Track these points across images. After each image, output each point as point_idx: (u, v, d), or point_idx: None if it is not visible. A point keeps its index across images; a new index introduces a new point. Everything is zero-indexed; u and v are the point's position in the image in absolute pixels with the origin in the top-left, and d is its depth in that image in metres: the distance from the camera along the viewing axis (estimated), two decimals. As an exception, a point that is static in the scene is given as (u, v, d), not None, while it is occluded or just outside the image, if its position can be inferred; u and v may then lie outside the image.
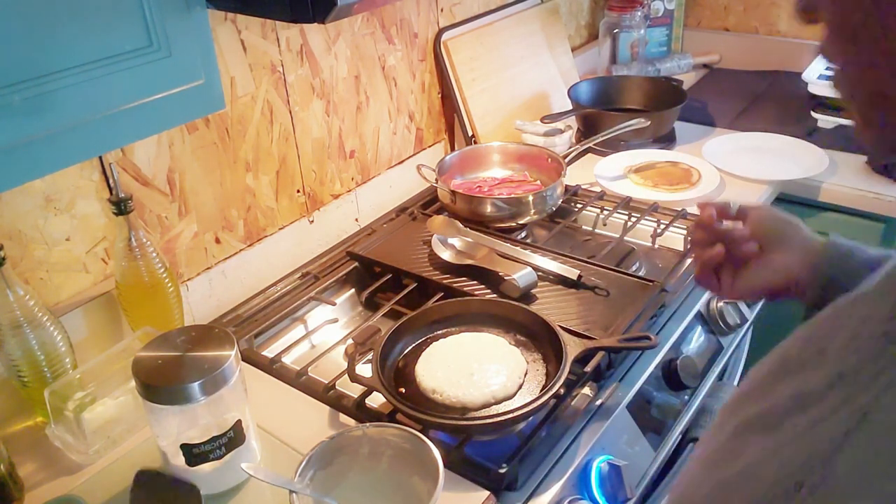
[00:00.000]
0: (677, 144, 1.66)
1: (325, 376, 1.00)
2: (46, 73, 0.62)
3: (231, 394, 0.82)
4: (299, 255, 1.32)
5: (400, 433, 0.81)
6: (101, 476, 0.89)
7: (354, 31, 1.32)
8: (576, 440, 0.90)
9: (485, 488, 0.83)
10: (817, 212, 1.56)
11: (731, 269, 0.83)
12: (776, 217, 0.83)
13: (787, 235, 0.81)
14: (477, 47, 1.59)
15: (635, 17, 1.94)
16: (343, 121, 1.35)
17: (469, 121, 1.57)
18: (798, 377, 0.49)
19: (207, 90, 0.75)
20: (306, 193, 1.32)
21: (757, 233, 0.81)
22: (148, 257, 0.99)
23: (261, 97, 1.19)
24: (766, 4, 2.04)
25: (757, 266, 0.81)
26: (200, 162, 1.13)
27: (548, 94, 1.76)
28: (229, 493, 0.86)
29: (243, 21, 1.12)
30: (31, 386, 0.92)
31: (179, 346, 0.82)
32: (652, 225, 1.32)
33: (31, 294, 0.89)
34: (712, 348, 1.15)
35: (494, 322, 1.03)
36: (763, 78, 2.00)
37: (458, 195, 1.32)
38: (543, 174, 1.45)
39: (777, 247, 0.80)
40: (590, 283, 1.12)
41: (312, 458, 0.79)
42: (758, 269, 0.81)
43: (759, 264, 0.81)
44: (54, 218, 0.98)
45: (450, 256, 1.19)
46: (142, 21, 0.67)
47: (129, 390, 0.94)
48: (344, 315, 1.21)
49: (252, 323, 1.13)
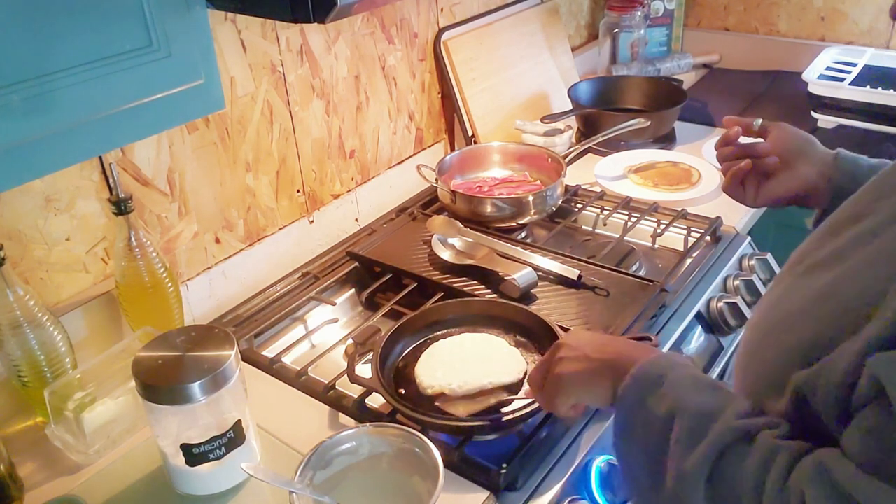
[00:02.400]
0: (677, 144, 1.66)
1: (325, 376, 1.00)
2: (46, 73, 0.62)
3: (231, 394, 0.82)
4: (299, 255, 1.32)
5: (400, 433, 0.81)
6: (101, 476, 0.89)
7: (354, 31, 1.32)
8: (576, 440, 0.90)
9: (485, 488, 0.83)
10: (817, 212, 1.56)
11: (756, 181, 0.95)
12: (795, 133, 0.94)
13: (804, 150, 0.92)
14: (477, 47, 1.59)
15: (635, 17, 1.94)
16: (343, 121, 1.35)
17: (469, 121, 1.57)
18: (856, 226, 0.64)
19: (207, 90, 0.75)
20: (306, 193, 1.32)
21: (778, 148, 0.93)
22: (148, 257, 0.99)
23: (261, 97, 1.19)
24: (766, 4, 2.04)
25: (779, 177, 0.93)
26: (200, 162, 1.13)
27: (548, 94, 1.76)
28: (229, 493, 0.86)
29: (243, 21, 1.12)
30: (31, 386, 0.92)
31: (179, 346, 0.82)
32: (652, 225, 1.32)
33: (31, 294, 0.89)
34: (712, 348, 1.15)
35: (494, 322, 1.03)
36: (763, 78, 2.00)
37: (458, 195, 1.32)
38: (543, 174, 1.45)
39: (796, 160, 0.92)
40: (590, 283, 1.12)
41: (312, 459, 0.78)
42: (780, 179, 0.93)
43: (781, 175, 0.92)
44: (54, 218, 0.98)
45: (450, 256, 1.19)
46: (142, 21, 0.67)
47: (129, 390, 0.94)
48: (344, 315, 1.21)
49: (252, 323, 1.13)
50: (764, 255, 1.27)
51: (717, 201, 1.41)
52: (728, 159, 0.96)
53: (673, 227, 1.31)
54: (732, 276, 1.21)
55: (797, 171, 0.92)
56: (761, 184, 0.94)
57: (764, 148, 0.93)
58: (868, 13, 1.89)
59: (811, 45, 1.95)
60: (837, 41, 1.95)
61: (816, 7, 1.96)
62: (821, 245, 0.67)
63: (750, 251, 1.29)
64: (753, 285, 1.21)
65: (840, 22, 1.94)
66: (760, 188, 0.95)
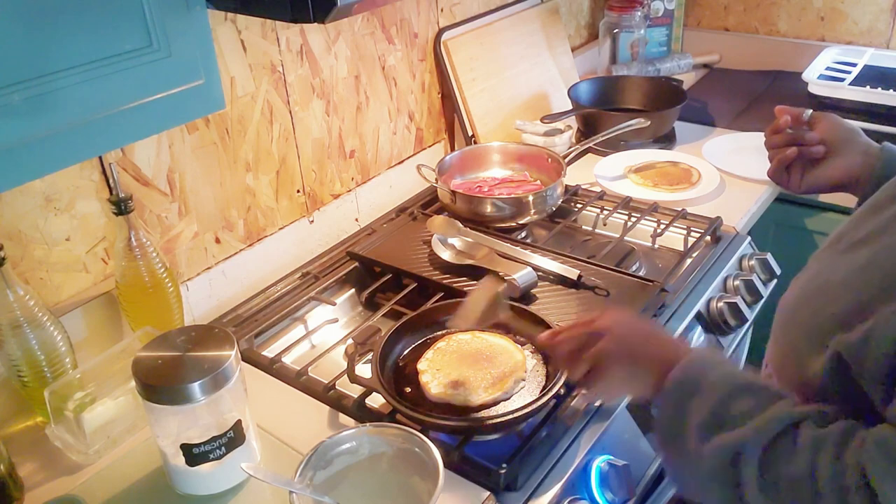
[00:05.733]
0: (677, 144, 1.66)
1: (325, 376, 1.00)
2: (46, 73, 0.62)
3: (231, 394, 0.82)
4: (299, 255, 1.32)
5: (400, 433, 0.81)
6: (101, 476, 0.89)
7: (354, 31, 1.32)
8: (576, 440, 0.90)
9: (485, 488, 0.83)
10: (817, 212, 1.56)
11: (800, 168, 0.99)
12: (841, 125, 0.98)
13: (849, 141, 0.96)
14: (477, 47, 1.59)
15: (635, 17, 1.94)
16: (343, 121, 1.35)
17: (469, 121, 1.57)
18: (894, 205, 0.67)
19: (207, 90, 0.75)
20: (306, 193, 1.32)
21: (825, 137, 0.97)
22: (148, 257, 0.99)
23: (261, 97, 1.19)
24: (766, 4, 2.04)
25: (824, 165, 0.97)
26: (200, 162, 1.13)
27: (548, 94, 1.76)
28: (229, 493, 0.86)
29: (243, 21, 1.12)
30: (31, 386, 0.92)
31: (179, 346, 0.82)
32: (652, 225, 1.32)
33: (31, 294, 0.89)
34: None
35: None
36: (763, 78, 2.00)
37: (458, 195, 1.32)
38: (543, 174, 1.45)
39: (841, 150, 0.96)
40: (590, 283, 1.12)
41: (312, 459, 0.78)
42: (824, 167, 0.97)
43: (826, 164, 0.97)
44: (54, 218, 0.98)
45: (450, 256, 1.19)
46: (142, 21, 0.67)
47: (129, 390, 0.94)
48: (344, 315, 1.21)
49: (252, 323, 1.13)
50: (764, 255, 1.27)
51: (717, 201, 1.41)
52: (776, 146, 1.00)
53: (673, 227, 1.31)
54: (732, 276, 1.21)
55: (842, 160, 0.95)
56: (806, 171, 0.99)
57: (811, 137, 0.97)
58: (868, 13, 1.89)
59: (811, 45, 1.95)
60: (837, 41, 1.95)
61: (816, 7, 1.96)
62: (860, 224, 0.71)
63: (750, 251, 1.29)
64: (753, 285, 1.21)
65: (840, 22, 1.94)
66: (805, 175, 0.99)
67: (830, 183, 0.97)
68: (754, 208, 1.40)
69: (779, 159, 0.99)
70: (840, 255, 0.71)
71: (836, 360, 0.62)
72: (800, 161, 0.99)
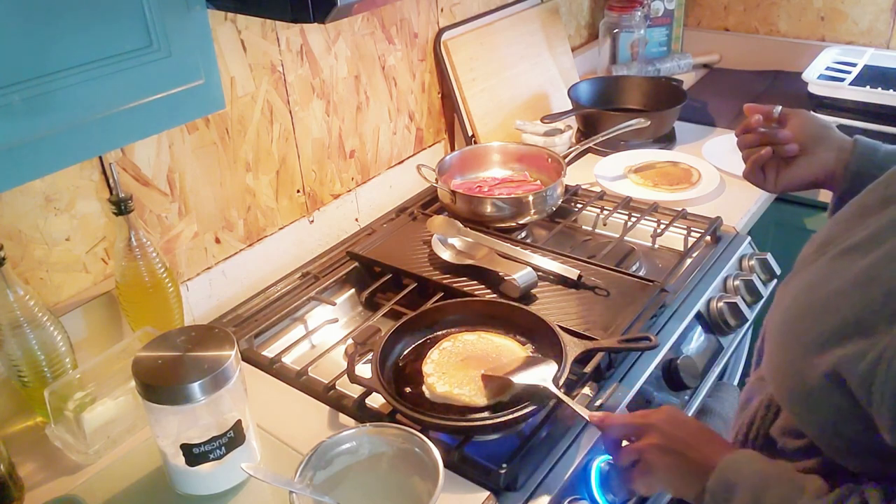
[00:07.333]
0: (677, 144, 1.66)
1: (325, 376, 1.00)
2: (46, 73, 0.62)
3: (231, 394, 0.82)
4: (299, 255, 1.32)
5: (400, 433, 0.81)
6: (101, 476, 0.89)
7: (354, 31, 1.32)
8: (576, 440, 0.90)
9: (485, 488, 0.83)
10: (817, 212, 1.56)
11: (775, 167, 0.98)
12: (813, 121, 0.97)
13: (822, 137, 0.95)
14: (477, 47, 1.59)
15: (635, 17, 1.94)
16: (343, 121, 1.35)
17: (469, 121, 1.57)
18: (889, 209, 0.65)
19: (207, 90, 0.75)
20: (306, 193, 1.32)
21: (797, 134, 0.95)
22: (148, 257, 0.99)
23: (261, 97, 1.19)
24: (766, 4, 2.04)
25: (798, 163, 0.96)
26: (200, 162, 1.13)
27: (548, 94, 1.76)
28: (229, 493, 0.86)
29: (243, 21, 1.12)
30: (31, 386, 0.92)
31: (179, 346, 0.82)
32: (652, 225, 1.32)
33: (31, 294, 0.89)
34: (712, 348, 1.15)
35: (494, 322, 1.03)
36: (763, 78, 2.00)
37: (458, 195, 1.32)
38: (543, 174, 1.45)
39: (814, 147, 0.95)
40: (590, 283, 1.12)
41: (312, 459, 0.78)
42: (799, 165, 0.96)
43: (800, 161, 0.96)
44: (54, 218, 0.98)
45: (450, 256, 1.19)
46: (142, 21, 0.67)
47: (129, 390, 0.94)
48: (344, 315, 1.21)
49: (252, 323, 1.13)
50: (764, 255, 1.27)
51: (717, 201, 1.41)
52: (749, 146, 1.00)
53: (673, 227, 1.31)
54: (732, 276, 1.21)
55: (816, 157, 0.95)
56: (781, 170, 0.98)
57: (784, 135, 0.96)
58: (868, 13, 1.89)
59: (811, 45, 1.95)
60: (837, 41, 1.95)
61: (816, 7, 1.96)
62: (850, 228, 0.69)
63: (750, 251, 1.29)
64: (753, 285, 1.21)
65: (840, 22, 1.94)
66: (780, 174, 0.98)
67: (806, 181, 0.97)
68: (754, 208, 1.40)
69: (753, 160, 0.99)
70: (832, 261, 0.68)
71: (834, 377, 0.61)
72: (774, 160, 0.98)
